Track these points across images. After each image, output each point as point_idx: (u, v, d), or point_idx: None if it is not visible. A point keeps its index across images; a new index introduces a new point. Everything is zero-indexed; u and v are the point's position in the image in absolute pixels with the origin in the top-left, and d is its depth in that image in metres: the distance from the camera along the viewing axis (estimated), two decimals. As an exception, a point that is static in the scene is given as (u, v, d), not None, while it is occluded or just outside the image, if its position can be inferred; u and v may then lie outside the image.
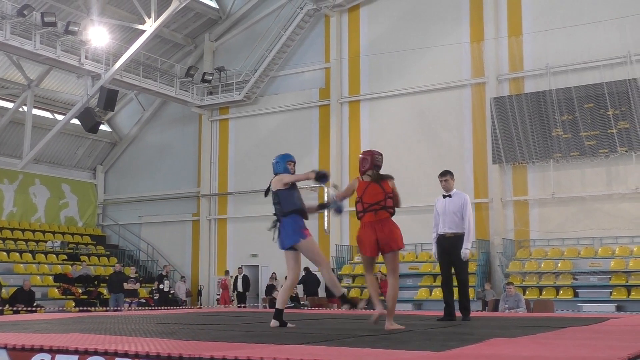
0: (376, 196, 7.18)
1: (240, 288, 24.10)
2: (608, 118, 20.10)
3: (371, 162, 7.41)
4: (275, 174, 7.66)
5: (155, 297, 21.91)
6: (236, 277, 24.34)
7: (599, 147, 20.24)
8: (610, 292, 19.05)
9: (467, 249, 9.05)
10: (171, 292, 22.61)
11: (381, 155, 7.61)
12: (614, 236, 20.21)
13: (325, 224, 24.38)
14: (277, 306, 7.49)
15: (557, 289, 19.82)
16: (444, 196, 9.33)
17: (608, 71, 20.46)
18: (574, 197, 20.82)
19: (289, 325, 7.32)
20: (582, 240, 20.71)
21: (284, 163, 7.68)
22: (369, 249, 7.11)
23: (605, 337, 6.15)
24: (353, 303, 7.77)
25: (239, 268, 24.78)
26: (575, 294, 19.51)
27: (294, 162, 7.77)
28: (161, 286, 21.98)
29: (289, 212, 7.38)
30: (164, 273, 22.79)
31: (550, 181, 21.01)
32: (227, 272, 25.15)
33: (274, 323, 7.31)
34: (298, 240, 7.34)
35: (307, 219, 7.52)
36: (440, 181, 9.37)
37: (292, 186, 7.49)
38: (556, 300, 18.62)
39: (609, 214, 20.22)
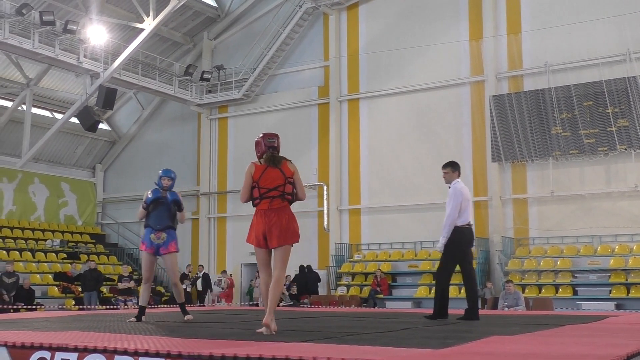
0: (274, 181, 6.56)
1: (200, 287, 23.79)
2: (607, 116, 20.11)
3: (264, 144, 6.80)
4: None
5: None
6: (196, 276, 24.05)
7: (598, 145, 20.24)
8: (610, 290, 19.07)
9: (440, 243, 8.94)
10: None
11: (276, 135, 6.97)
12: (613, 234, 20.22)
13: (325, 223, 24.40)
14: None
15: (557, 287, 19.84)
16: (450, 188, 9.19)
17: (607, 69, 20.46)
18: (573, 195, 20.83)
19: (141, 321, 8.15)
20: (581, 238, 20.72)
21: (159, 178, 8.87)
22: (255, 239, 6.49)
23: (605, 335, 6.16)
24: (140, 315, 8.49)
25: (199, 266, 24.81)
26: (575, 292, 19.53)
27: (170, 178, 9.00)
28: (184, 286, 22.20)
29: (145, 226, 8.70)
30: (186, 272, 23.04)
31: (550, 179, 21.02)
32: (224, 272, 25.18)
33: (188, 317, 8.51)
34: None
35: (153, 228, 8.65)
36: (443, 173, 9.38)
37: (149, 206, 8.67)
38: (555, 299, 18.64)
39: (608, 212, 20.23)
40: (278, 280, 6.36)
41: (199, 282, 23.65)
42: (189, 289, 22.50)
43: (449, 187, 9.12)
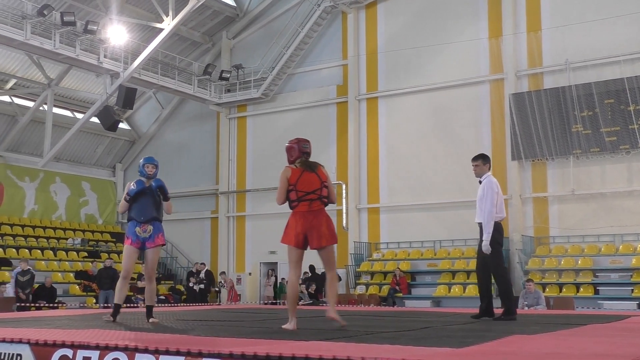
0: (312, 185, 6.76)
1: (201, 285, 23.03)
2: (629, 114, 19.91)
3: (299, 149, 6.96)
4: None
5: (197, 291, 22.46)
6: (198, 272, 23.39)
7: (619, 143, 20.05)
8: (632, 290, 18.89)
9: (485, 241, 8.32)
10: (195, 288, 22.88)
11: (309, 142, 7.12)
12: (635, 233, 20.01)
13: (344, 221, 24.40)
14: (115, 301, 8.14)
15: (578, 286, 19.68)
16: (480, 182, 8.78)
17: (629, 66, 20.27)
18: (594, 194, 20.65)
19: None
20: (602, 237, 20.54)
21: (142, 166, 8.39)
22: (298, 239, 6.66)
23: (626, 334, 6.11)
24: (115, 314, 8.04)
25: (201, 264, 24.21)
26: (596, 292, 19.36)
27: (154, 165, 8.51)
28: (190, 284, 22.35)
29: (127, 220, 8.28)
30: (194, 270, 23.08)
31: (570, 177, 20.86)
32: (222, 274, 25.19)
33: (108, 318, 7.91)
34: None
35: (140, 221, 8.15)
36: (473, 166, 8.96)
37: (133, 198, 8.22)
38: (576, 298, 18.50)
39: (630, 210, 20.04)
40: (334, 278, 6.94)
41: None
42: (196, 288, 22.56)
43: (480, 182, 8.71)
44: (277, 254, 25.91)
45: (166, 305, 19.76)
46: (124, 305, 8.79)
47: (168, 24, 23.83)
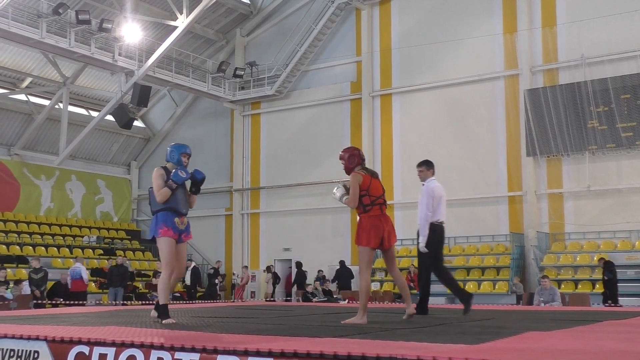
0: (378, 190, 7.32)
1: (188, 281, 22.30)
2: (645, 109, 19.75)
3: (359, 156, 7.40)
4: (167, 161, 7.55)
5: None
6: (186, 269, 22.15)
7: (635, 138, 19.90)
8: (648, 286, 18.76)
9: (421, 243, 8.92)
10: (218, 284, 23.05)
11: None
12: (652, 229, 19.89)
13: (358, 218, 24.35)
14: (160, 301, 7.19)
15: (593, 282, 19.56)
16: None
17: (645, 61, 20.10)
18: (610, 190, 20.51)
19: (164, 321, 6.92)
20: (618, 233, 20.40)
21: (178, 154, 7.50)
22: (376, 240, 7.12)
23: (643, 331, 6.07)
24: (165, 313, 7.09)
25: (188, 260, 23.71)
26: (612, 288, 19.22)
27: (189, 155, 7.66)
28: (216, 281, 22.50)
29: (156, 210, 7.37)
30: (216, 267, 23.22)
31: (586, 173, 20.73)
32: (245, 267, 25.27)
33: (153, 313, 7.38)
34: (151, 236, 7.45)
35: (177, 213, 7.32)
36: (418, 171, 9.37)
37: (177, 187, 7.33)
38: (592, 294, 18.39)
39: (647, 206, 19.89)
40: (400, 274, 7.75)
41: (187, 277, 22.07)
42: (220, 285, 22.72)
43: (422, 185, 9.18)
44: (291, 251, 25.96)
45: (181, 302, 19.84)
46: (141, 302, 8.66)
47: (182, 22, 23.90)
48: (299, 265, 23.37)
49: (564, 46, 21.58)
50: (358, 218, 7.39)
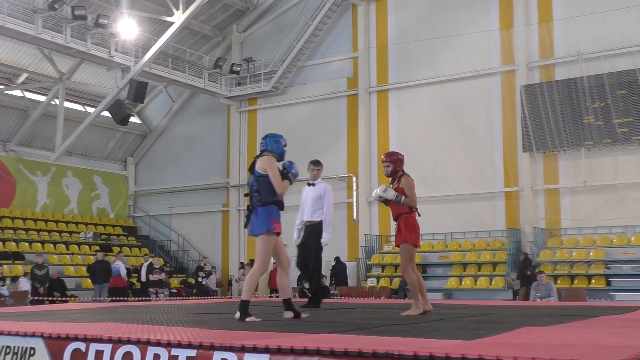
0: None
1: (143, 277, 21.01)
2: (641, 104, 19.78)
3: (403, 161, 7.98)
4: (269, 151, 6.96)
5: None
6: (141, 265, 21.69)
7: (631, 134, 19.93)
8: (644, 281, 18.82)
9: (325, 237, 9.17)
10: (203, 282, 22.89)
11: None
12: (648, 224, 19.93)
13: (354, 214, 24.40)
14: (242, 297, 6.76)
15: (589, 277, 19.61)
16: (309, 184, 9.40)
17: (641, 57, 20.11)
18: (607, 185, 20.54)
19: (303, 316, 6.87)
20: (614, 228, 20.44)
21: (283, 146, 7.06)
22: (419, 240, 7.79)
23: (639, 326, 6.08)
24: (296, 313, 6.89)
25: (145, 255, 22.88)
26: (608, 283, 19.30)
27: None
28: (199, 278, 22.39)
29: (270, 202, 6.77)
30: (202, 265, 23.10)
31: (582, 169, 20.75)
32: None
33: (250, 318, 6.54)
34: (263, 231, 6.72)
35: (283, 210, 6.92)
36: (312, 170, 9.33)
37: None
38: (588, 289, 18.43)
39: (643, 202, 19.93)
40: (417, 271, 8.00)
41: (143, 272, 21.06)
42: (204, 282, 22.63)
43: (312, 184, 9.31)
44: (288, 247, 25.91)
45: (178, 298, 19.84)
46: (137, 299, 8.58)
47: (179, 18, 23.85)
48: (337, 259, 22.94)
49: (561, 42, 21.60)
50: (398, 218, 7.86)
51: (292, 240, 9.52)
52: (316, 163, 9.36)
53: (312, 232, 9.19)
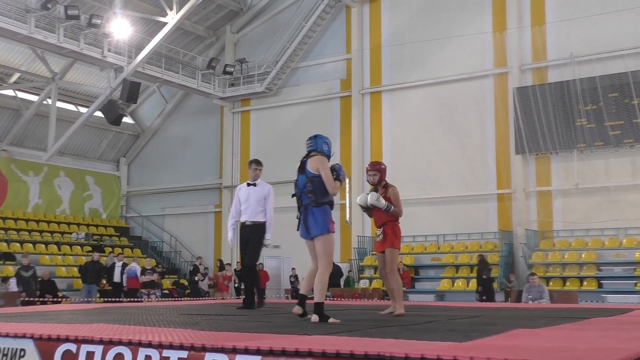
0: None
1: (117, 278, 20.45)
2: (633, 107, 19.86)
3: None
4: (318, 152, 6.92)
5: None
6: (113, 265, 20.87)
7: (623, 137, 20.01)
8: (635, 283, 18.89)
9: (268, 239, 9.21)
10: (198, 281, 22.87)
11: None
12: (639, 227, 19.99)
13: (347, 216, 24.39)
14: (316, 300, 6.69)
15: (581, 279, 19.68)
16: (249, 184, 9.34)
17: (633, 60, 20.20)
18: (599, 188, 20.62)
19: (330, 320, 6.54)
20: (606, 231, 20.52)
21: (329, 146, 7.00)
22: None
23: (630, 328, 6.10)
24: (326, 317, 6.61)
25: (118, 254, 22.45)
26: (600, 285, 19.36)
27: None
28: (196, 278, 22.35)
29: (324, 202, 6.78)
30: (197, 264, 23.06)
31: (574, 171, 20.82)
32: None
33: (314, 318, 6.56)
34: (324, 231, 6.73)
35: (332, 209, 6.94)
36: (255, 169, 9.37)
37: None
38: (580, 291, 18.50)
39: (634, 204, 20.00)
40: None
41: (117, 273, 20.57)
42: (200, 284, 22.58)
43: (255, 184, 9.29)
44: (280, 249, 25.90)
45: (170, 299, 19.80)
46: (129, 300, 8.54)
47: (172, 18, 23.82)
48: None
49: (553, 45, 21.67)
50: (384, 225, 8.04)
51: (227, 239, 9.52)
52: (258, 163, 9.39)
53: (255, 232, 9.09)
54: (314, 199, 6.75)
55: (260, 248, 9.27)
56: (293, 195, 7.12)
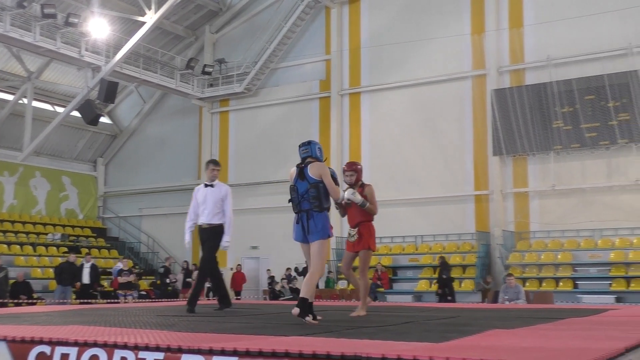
0: None
1: (86, 279, 19.50)
2: (608, 110, 20.08)
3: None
4: (313, 158, 7.11)
5: (169, 289, 22.11)
6: (81, 266, 19.71)
7: (599, 139, 20.23)
8: (610, 284, 19.10)
9: (227, 241, 9.06)
10: (171, 283, 22.64)
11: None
12: (614, 228, 20.23)
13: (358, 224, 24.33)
14: (302, 295, 6.77)
15: (557, 280, 19.86)
16: (206, 185, 9.07)
17: (609, 63, 20.42)
18: (574, 189, 20.82)
19: (318, 317, 6.78)
20: (582, 232, 20.73)
21: (321, 151, 7.21)
22: None
23: (604, 328, 6.16)
24: (305, 314, 6.63)
25: (86, 255, 21.70)
26: (575, 286, 19.55)
27: None
28: (167, 280, 22.14)
29: (325, 208, 7.01)
30: (167, 265, 22.85)
31: (551, 173, 21.01)
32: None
33: (295, 310, 6.62)
34: (324, 237, 6.94)
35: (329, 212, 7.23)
36: (212, 170, 9.11)
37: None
38: (556, 292, 18.66)
39: (609, 205, 20.23)
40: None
41: (85, 274, 19.63)
42: (172, 285, 22.42)
43: (212, 185, 9.00)
44: (259, 249, 25.88)
45: (147, 300, 19.66)
46: (106, 301, 8.44)
47: (150, 18, 23.69)
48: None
49: (531, 47, 21.86)
50: (359, 225, 8.16)
51: (184, 242, 9.41)
52: (216, 163, 9.19)
53: (212, 234, 8.94)
54: (317, 205, 6.97)
55: (216, 250, 9.08)
56: (289, 200, 7.26)
